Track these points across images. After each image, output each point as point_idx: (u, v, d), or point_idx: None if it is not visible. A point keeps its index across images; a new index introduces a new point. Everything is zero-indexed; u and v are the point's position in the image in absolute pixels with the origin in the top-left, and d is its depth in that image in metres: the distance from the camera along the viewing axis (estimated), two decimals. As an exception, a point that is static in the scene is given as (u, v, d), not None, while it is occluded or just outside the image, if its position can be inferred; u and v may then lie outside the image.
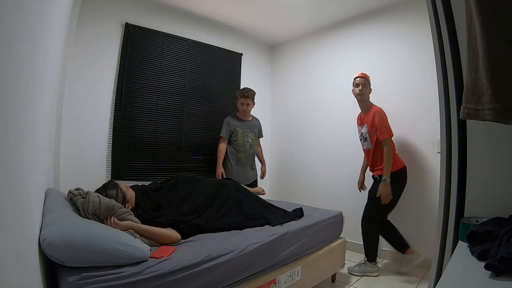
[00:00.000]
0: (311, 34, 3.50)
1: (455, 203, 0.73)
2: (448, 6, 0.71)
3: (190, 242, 1.44)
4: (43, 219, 1.11)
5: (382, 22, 2.88)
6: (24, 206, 0.78)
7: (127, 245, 1.10)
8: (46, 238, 0.94)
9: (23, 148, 0.77)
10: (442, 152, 0.76)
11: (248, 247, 1.42)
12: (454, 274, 0.52)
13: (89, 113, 2.57)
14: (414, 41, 2.62)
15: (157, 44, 2.96)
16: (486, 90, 0.51)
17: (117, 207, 1.40)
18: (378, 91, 2.85)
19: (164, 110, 3.01)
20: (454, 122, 0.72)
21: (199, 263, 1.22)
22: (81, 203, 1.32)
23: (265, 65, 3.99)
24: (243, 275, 1.39)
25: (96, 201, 1.34)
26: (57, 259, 0.96)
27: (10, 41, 0.56)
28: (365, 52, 3.00)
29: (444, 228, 0.74)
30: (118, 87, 2.72)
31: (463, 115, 0.57)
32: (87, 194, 1.38)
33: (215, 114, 3.39)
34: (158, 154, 2.96)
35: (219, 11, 3.11)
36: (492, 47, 0.49)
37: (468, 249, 0.59)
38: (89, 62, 2.56)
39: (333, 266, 2.05)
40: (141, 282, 1.04)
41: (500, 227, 0.57)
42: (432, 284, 0.74)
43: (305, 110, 3.53)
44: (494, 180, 0.69)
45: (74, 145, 2.44)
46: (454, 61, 0.71)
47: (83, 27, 2.45)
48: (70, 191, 1.44)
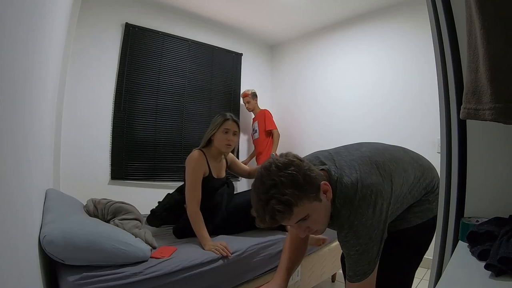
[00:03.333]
0: (311, 34, 3.50)
1: (455, 203, 0.73)
2: (448, 6, 0.71)
3: (190, 243, 1.44)
4: (43, 218, 1.11)
5: (382, 22, 2.88)
6: (23, 206, 0.78)
7: (128, 244, 1.10)
8: (46, 236, 0.94)
9: (23, 148, 0.77)
10: (442, 152, 0.76)
11: (248, 248, 1.42)
12: (454, 274, 0.52)
13: (89, 113, 2.57)
14: (414, 41, 2.61)
15: (157, 44, 2.96)
16: (486, 90, 0.51)
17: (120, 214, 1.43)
18: (377, 91, 2.86)
19: (164, 110, 3.01)
20: (454, 122, 0.72)
21: (200, 264, 1.22)
22: None
23: (265, 65, 3.99)
24: (244, 276, 1.39)
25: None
26: (57, 257, 0.96)
27: (14, 42, 0.56)
28: (365, 52, 3.00)
29: (444, 228, 0.74)
30: (118, 87, 2.72)
31: (463, 115, 0.57)
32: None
33: (215, 114, 3.38)
34: (158, 154, 2.97)
35: (219, 11, 3.11)
36: (492, 47, 0.49)
37: (468, 249, 0.59)
38: (89, 62, 2.56)
39: (333, 266, 2.05)
40: (141, 282, 1.04)
41: (500, 227, 0.57)
42: (432, 284, 0.74)
43: (305, 110, 3.53)
44: (494, 180, 0.69)
45: (74, 145, 2.45)
46: (454, 61, 0.71)
47: (83, 27, 2.46)
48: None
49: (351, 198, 0.83)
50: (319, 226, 0.86)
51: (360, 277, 0.83)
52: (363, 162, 0.90)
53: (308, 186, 0.78)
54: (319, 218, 0.84)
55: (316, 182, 0.81)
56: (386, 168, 0.91)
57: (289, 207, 0.75)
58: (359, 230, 0.82)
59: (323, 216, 0.85)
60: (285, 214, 0.76)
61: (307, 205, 0.78)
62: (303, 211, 0.79)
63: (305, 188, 0.78)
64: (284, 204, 0.74)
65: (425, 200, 1.02)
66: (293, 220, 0.79)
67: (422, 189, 1.01)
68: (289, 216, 0.77)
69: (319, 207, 0.81)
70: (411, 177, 0.98)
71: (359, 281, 0.83)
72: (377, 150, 0.99)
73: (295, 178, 0.77)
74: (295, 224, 0.81)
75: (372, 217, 0.82)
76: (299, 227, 0.83)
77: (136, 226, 1.36)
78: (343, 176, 0.87)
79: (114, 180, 2.69)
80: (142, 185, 2.87)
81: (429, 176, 1.03)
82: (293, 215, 0.77)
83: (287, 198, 0.74)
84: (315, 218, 0.82)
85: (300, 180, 0.77)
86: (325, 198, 0.83)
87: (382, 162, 0.92)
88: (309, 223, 0.82)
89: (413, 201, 1.00)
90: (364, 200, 0.82)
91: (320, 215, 0.83)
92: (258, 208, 0.79)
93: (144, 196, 2.80)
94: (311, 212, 0.80)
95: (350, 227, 0.83)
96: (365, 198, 0.82)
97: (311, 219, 0.81)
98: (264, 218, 0.77)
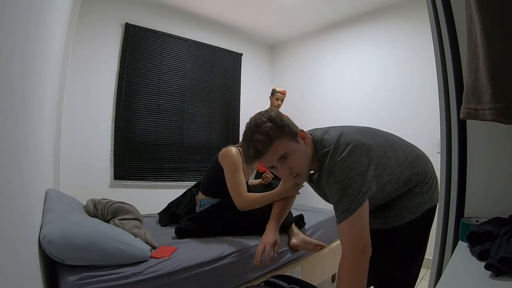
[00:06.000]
0: (311, 34, 3.50)
1: (455, 203, 0.73)
2: (448, 6, 0.71)
3: (190, 243, 1.44)
4: (43, 218, 1.11)
5: (382, 22, 2.88)
6: (23, 206, 0.78)
7: (127, 244, 1.10)
8: (46, 236, 0.94)
9: (23, 148, 0.77)
10: (442, 152, 0.76)
11: (248, 248, 1.42)
12: (454, 274, 0.52)
13: (89, 113, 2.57)
14: (414, 41, 2.61)
15: (157, 44, 2.96)
16: (486, 90, 0.51)
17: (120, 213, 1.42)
18: (377, 91, 2.85)
19: (165, 110, 3.01)
20: (454, 122, 0.72)
21: (199, 264, 1.21)
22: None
23: (265, 65, 3.99)
24: (244, 277, 1.39)
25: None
26: (57, 257, 0.96)
27: (13, 40, 0.56)
28: (365, 52, 3.00)
29: (444, 228, 0.74)
30: (118, 87, 2.72)
31: (463, 115, 0.57)
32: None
33: (216, 114, 3.39)
34: (160, 154, 2.97)
35: (219, 11, 3.11)
36: (492, 47, 0.49)
37: (468, 249, 0.59)
38: (89, 62, 2.56)
39: (333, 266, 2.05)
40: (141, 282, 1.04)
41: (500, 227, 0.57)
42: (432, 284, 0.74)
43: (305, 110, 3.53)
44: (494, 180, 0.69)
45: (74, 145, 2.45)
46: (454, 61, 0.71)
47: (83, 27, 2.46)
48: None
49: (330, 149, 0.93)
50: (300, 169, 0.96)
51: (345, 214, 0.88)
52: (350, 129, 1.01)
53: (286, 127, 0.93)
54: (298, 160, 0.94)
55: (294, 127, 0.96)
56: (374, 138, 1.00)
57: (269, 138, 0.89)
58: (335, 170, 0.90)
59: (302, 158, 0.95)
60: (266, 143, 0.89)
61: (285, 142, 0.91)
62: (283, 147, 0.91)
63: (283, 126, 0.92)
64: (264, 135, 0.89)
65: (418, 193, 1.03)
66: (275, 156, 0.91)
67: (413, 174, 1.03)
68: (269, 146, 0.89)
69: (298, 148, 0.94)
70: (402, 158, 1.02)
71: (345, 218, 0.88)
72: (370, 129, 1.09)
73: (274, 118, 0.93)
74: (278, 162, 0.92)
75: (348, 161, 0.89)
76: (282, 167, 0.94)
77: (136, 226, 1.36)
78: (325, 135, 0.99)
79: (115, 181, 2.69)
80: (143, 186, 2.88)
81: (421, 164, 1.06)
82: (273, 146, 0.90)
83: (266, 131, 0.90)
84: (295, 159, 0.94)
85: (278, 120, 0.93)
86: (303, 144, 0.96)
87: (370, 135, 1.01)
88: (290, 163, 0.93)
89: (402, 181, 1.01)
90: (340, 147, 0.92)
91: (299, 156, 0.94)
92: (244, 146, 0.94)
93: (146, 196, 2.80)
94: (290, 151, 0.92)
95: (329, 172, 0.91)
96: (341, 146, 0.92)
97: (291, 158, 0.93)
98: (249, 152, 0.92)
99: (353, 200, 0.87)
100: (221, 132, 3.46)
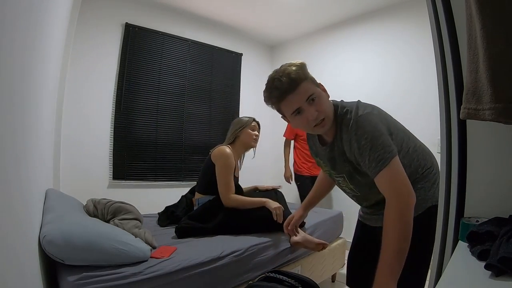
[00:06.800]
0: (311, 34, 3.50)
1: (455, 203, 0.73)
2: (448, 6, 0.71)
3: (190, 243, 1.44)
4: (43, 218, 1.11)
5: (382, 22, 2.88)
6: (23, 206, 0.78)
7: (127, 244, 1.10)
8: (46, 236, 0.94)
9: (23, 148, 0.77)
10: (442, 152, 0.76)
11: (248, 248, 1.42)
12: (454, 274, 0.52)
13: (89, 113, 2.57)
14: (414, 41, 2.61)
15: (157, 44, 2.96)
16: (486, 90, 0.51)
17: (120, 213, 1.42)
18: (378, 91, 2.85)
19: (165, 110, 3.01)
20: (454, 122, 0.72)
21: (199, 264, 1.21)
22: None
23: (265, 65, 3.99)
24: (244, 277, 1.39)
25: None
26: (57, 256, 0.96)
27: (12, 41, 0.56)
28: (365, 52, 3.00)
29: (444, 228, 0.74)
30: (118, 87, 2.72)
31: (463, 115, 0.57)
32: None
33: (215, 114, 3.39)
34: (159, 154, 2.97)
35: (219, 11, 3.11)
36: (492, 47, 0.49)
37: (468, 249, 0.59)
38: (89, 62, 2.56)
39: (333, 266, 2.05)
40: (141, 282, 1.04)
41: (500, 227, 0.57)
42: (432, 284, 0.74)
43: (305, 110, 3.53)
44: (494, 180, 0.69)
45: (74, 145, 2.45)
46: (454, 61, 0.71)
47: (83, 27, 2.46)
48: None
49: (353, 107, 0.99)
50: (325, 113, 0.97)
51: (382, 162, 0.88)
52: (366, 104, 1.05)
53: (309, 75, 0.98)
54: (324, 103, 0.98)
55: (315, 80, 1.01)
56: (389, 118, 1.05)
57: (302, 70, 0.96)
58: (361, 121, 0.94)
59: (326, 103, 0.99)
60: (299, 73, 0.94)
61: (311, 85, 0.96)
62: (310, 89, 0.95)
63: (307, 73, 0.98)
64: (296, 69, 0.94)
65: (421, 189, 1.02)
66: (304, 94, 0.94)
67: (419, 166, 1.04)
68: (303, 77, 0.94)
69: (321, 94, 0.99)
70: (411, 144, 1.05)
71: (383, 166, 0.88)
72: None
73: (299, 65, 0.98)
74: (305, 103, 0.94)
75: (373, 116, 0.95)
76: (309, 108, 0.95)
77: (136, 226, 1.36)
78: (343, 102, 1.06)
79: (115, 181, 2.69)
80: (142, 186, 2.87)
81: (428, 158, 1.09)
82: (304, 83, 0.94)
83: (296, 70, 0.95)
84: (321, 102, 0.97)
85: (304, 68, 0.98)
86: (325, 94, 1.01)
87: (385, 116, 1.05)
88: (318, 106, 0.95)
89: (409, 171, 1.00)
90: (363, 106, 0.99)
91: (324, 101, 0.98)
92: (273, 80, 0.96)
93: (145, 196, 2.80)
94: (316, 95, 0.96)
95: (356, 123, 0.94)
96: (364, 105, 1.00)
97: (319, 102, 0.96)
98: (281, 80, 0.93)
99: (386, 149, 0.88)
100: (221, 132, 3.46)
